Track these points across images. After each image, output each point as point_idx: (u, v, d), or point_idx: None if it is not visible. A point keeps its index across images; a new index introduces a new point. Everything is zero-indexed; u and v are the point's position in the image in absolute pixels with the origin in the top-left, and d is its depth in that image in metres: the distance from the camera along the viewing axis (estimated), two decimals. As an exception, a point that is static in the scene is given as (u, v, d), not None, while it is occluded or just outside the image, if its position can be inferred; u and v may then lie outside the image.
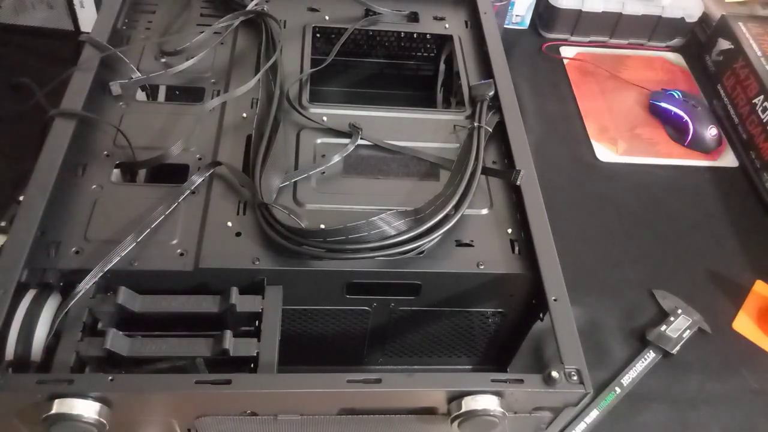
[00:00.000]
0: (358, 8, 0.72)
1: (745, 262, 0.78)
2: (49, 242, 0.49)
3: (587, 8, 0.97)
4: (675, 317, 0.70)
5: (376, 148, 0.59)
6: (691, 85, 0.99)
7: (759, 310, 0.73)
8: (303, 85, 0.63)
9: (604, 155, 0.87)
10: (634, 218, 0.81)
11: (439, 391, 0.44)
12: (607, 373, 0.66)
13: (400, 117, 0.62)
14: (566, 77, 0.97)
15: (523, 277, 0.52)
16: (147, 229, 0.50)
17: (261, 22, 0.68)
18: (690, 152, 0.89)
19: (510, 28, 1.01)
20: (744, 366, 0.69)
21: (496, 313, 0.56)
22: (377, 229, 0.50)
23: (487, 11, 0.73)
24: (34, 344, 0.44)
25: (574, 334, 0.47)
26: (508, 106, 0.63)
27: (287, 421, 0.45)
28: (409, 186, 0.57)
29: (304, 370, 0.45)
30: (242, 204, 0.53)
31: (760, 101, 0.86)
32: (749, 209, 0.84)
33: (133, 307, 0.47)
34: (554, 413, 0.47)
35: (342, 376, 0.43)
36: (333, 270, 0.50)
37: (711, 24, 1.01)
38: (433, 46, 0.75)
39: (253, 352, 0.46)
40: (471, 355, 0.62)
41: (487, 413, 0.43)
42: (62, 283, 0.48)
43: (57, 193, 0.51)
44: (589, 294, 0.72)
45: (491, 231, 0.54)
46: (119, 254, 0.48)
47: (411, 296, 0.54)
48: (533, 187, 0.55)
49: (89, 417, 0.40)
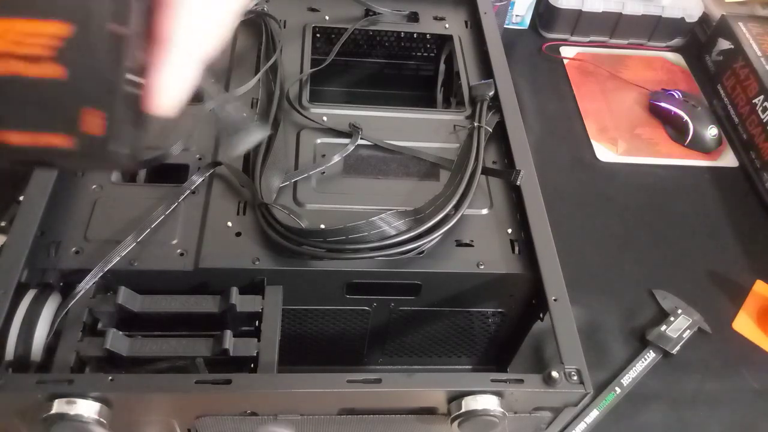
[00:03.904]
0: (358, 8, 0.72)
1: (745, 262, 0.78)
2: (49, 242, 0.49)
3: (587, 8, 0.97)
4: (675, 317, 0.70)
5: (376, 148, 0.59)
6: (691, 85, 0.99)
7: (759, 310, 0.73)
8: (303, 85, 0.63)
9: (604, 155, 0.87)
10: (634, 218, 0.81)
11: (439, 391, 0.44)
12: (607, 373, 0.66)
13: (400, 117, 0.63)
14: (566, 77, 0.97)
15: (523, 277, 0.52)
16: (147, 229, 0.50)
17: (261, 22, 0.68)
18: (690, 152, 0.89)
19: (510, 28, 1.01)
20: (744, 366, 0.69)
21: (496, 313, 0.56)
22: (377, 229, 0.50)
23: (487, 11, 0.73)
24: (34, 344, 0.44)
25: (574, 334, 0.47)
26: (508, 106, 0.63)
27: (287, 421, 0.45)
28: (409, 186, 0.57)
29: (304, 370, 0.45)
30: (242, 204, 0.53)
31: (760, 101, 0.86)
32: (749, 209, 0.84)
33: (133, 307, 0.47)
34: (554, 413, 0.47)
35: (342, 376, 0.43)
36: (333, 270, 0.50)
37: (711, 24, 1.01)
38: (433, 46, 0.75)
39: (253, 352, 0.46)
40: (471, 355, 0.62)
41: (487, 413, 0.43)
42: (62, 283, 0.48)
43: (57, 193, 0.51)
44: (589, 294, 0.72)
45: (491, 231, 0.54)
46: (119, 254, 0.48)
47: (411, 296, 0.54)
48: (533, 187, 0.55)
49: (89, 417, 0.40)
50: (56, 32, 0.20)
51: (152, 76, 0.21)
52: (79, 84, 0.20)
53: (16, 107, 0.20)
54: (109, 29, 0.20)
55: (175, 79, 0.22)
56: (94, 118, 0.21)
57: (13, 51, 0.20)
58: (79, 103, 0.20)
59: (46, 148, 0.21)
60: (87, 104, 0.20)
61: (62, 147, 0.21)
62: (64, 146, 0.21)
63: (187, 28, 0.21)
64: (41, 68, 0.20)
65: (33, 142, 0.21)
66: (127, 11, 0.20)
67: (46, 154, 0.21)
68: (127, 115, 0.21)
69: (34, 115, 0.20)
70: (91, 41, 0.20)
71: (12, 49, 0.20)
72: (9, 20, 0.20)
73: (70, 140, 0.21)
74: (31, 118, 0.20)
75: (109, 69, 0.20)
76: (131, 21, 0.20)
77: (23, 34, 0.20)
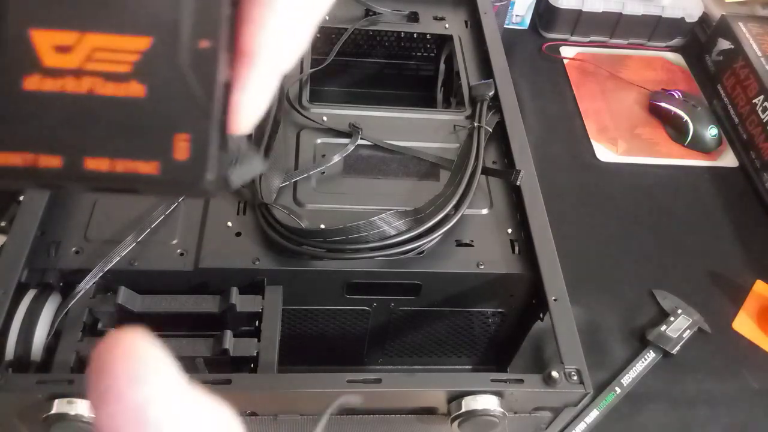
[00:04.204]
0: (358, 8, 0.72)
1: (745, 262, 0.78)
2: (49, 242, 0.49)
3: (587, 8, 0.97)
4: (675, 317, 0.70)
5: (376, 148, 0.59)
6: (691, 85, 0.99)
7: (759, 310, 0.73)
8: (303, 85, 0.63)
9: (604, 155, 0.87)
10: (634, 218, 0.81)
11: (439, 391, 0.44)
12: (607, 373, 0.66)
13: (400, 117, 0.63)
14: (566, 77, 0.97)
15: (523, 277, 0.52)
16: (147, 229, 0.50)
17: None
18: (690, 152, 0.89)
19: (510, 28, 1.01)
20: (744, 366, 0.69)
21: (496, 313, 0.56)
22: (377, 229, 0.50)
23: (487, 11, 0.73)
24: (34, 344, 0.44)
25: (574, 334, 0.47)
26: (508, 106, 0.63)
27: (287, 421, 0.45)
28: (409, 186, 0.57)
29: (304, 370, 0.45)
30: (242, 204, 0.53)
31: (760, 101, 0.86)
32: (749, 209, 0.84)
33: (133, 307, 0.47)
34: (554, 413, 0.47)
35: (342, 376, 0.43)
36: (333, 270, 0.50)
37: (711, 24, 1.01)
38: (433, 46, 0.75)
39: (253, 352, 0.46)
40: (471, 355, 0.62)
41: (487, 413, 0.43)
42: (62, 283, 0.48)
43: (57, 193, 0.51)
44: (589, 294, 0.72)
45: (491, 231, 0.54)
46: (119, 254, 0.48)
47: (411, 296, 0.54)
48: (533, 187, 0.55)
49: (89, 417, 0.40)
50: (135, 47, 0.18)
51: (235, 92, 0.19)
52: (161, 103, 0.18)
53: (93, 130, 0.18)
54: (196, 43, 0.18)
55: (258, 96, 0.20)
56: (179, 141, 0.19)
57: (89, 68, 0.18)
58: (163, 124, 0.19)
59: (128, 175, 0.19)
60: (172, 126, 0.19)
61: (146, 173, 0.19)
62: (149, 173, 0.19)
63: (274, 40, 0.19)
64: (119, 87, 0.18)
65: (113, 168, 0.19)
66: (215, 23, 0.18)
67: (128, 182, 0.19)
68: (213, 136, 0.19)
69: (113, 138, 0.18)
70: (175, 56, 0.18)
71: (87, 66, 0.18)
72: (86, 34, 0.18)
73: (155, 166, 0.19)
74: (109, 142, 0.18)
75: (195, 86, 0.19)
76: (220, 33, 0.19)
77: (100, 50, 0.18)
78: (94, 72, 0.18)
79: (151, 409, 0.16)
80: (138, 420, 0.16)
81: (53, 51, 0.18)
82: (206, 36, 0.19)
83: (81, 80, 0.18)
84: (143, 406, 0.16)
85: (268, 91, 0.20)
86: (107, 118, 0.18)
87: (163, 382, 0.17)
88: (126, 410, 0.16)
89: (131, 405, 0.16)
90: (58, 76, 0.18)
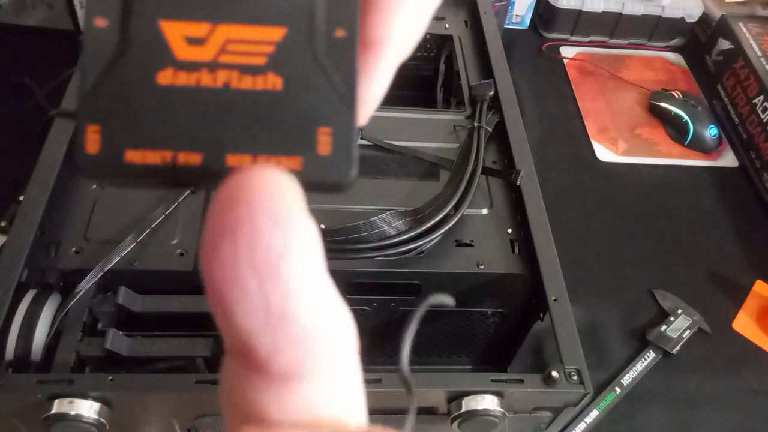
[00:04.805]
0: (358, 8, 0.72)
1: (745, 262, 0.78)
2: (49, 242, 0.49)
3: (587, 8, 0.97)
4: (675, 317, 0.70)
5: (376, 147, 0.59)
6: (691, 85, 0.99)
7: (759, 310, 0.73)
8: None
9: (604, 155, 0.87)
10: (634, 218, 0.81)
11: (439, 391, 0.44)
12: (607, 373, 0.66)
13: (400, 117, 0.62)
14: (566, 77, 0.97)
15: (523, 277, 0.52)
16: (147, 229, 0.50)
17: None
18: (690, 152, 0.89)
19: (510, 28, 1.01)
20: (744, 366, 0.69)
21: (496, 313, 0.56)
22: (377, 229, 0.50)
23: (487, 11, 0.73)
24: (34, 344, 0.44)
25: (574, 334, 0.47)
26: (508, 106, 0.63)
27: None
28: (409, 186, 0.57)
29: (304, 370, 0.45)
30: (242, 204, 0.53)
31: (760, 101, 0.86)
32: (749, 209, 0.84)
33: (133, 307, 0.47)
34: (554, 413, 0.47)
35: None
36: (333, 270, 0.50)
37: (711, 24, 1.01)
38: (433, 46, 0.75)
39: (253, 352, 0.46)
40: (471, 355, 0.62)
41: (487, 413, 0.43)
42: (62, 283, 0.48)
43: (57, 193, 0.51)
44: (589, 294, 0.72)
45: (491, 231, 0.54)
46: (119, 254, 0.48)
47: (411, 296, 0.54)
48: (533, 187, 0.55)
49: (89, 417, 0.40)
50: (269, 38, 0.17)
51: (362, 83, 0.18)
52: (300, 96, 0.18)
53: (232, 126, 0.18)
54: (332, 32, 0.18)
55: (382, 86, 0.19)
56: (322, 135, 0.18)
57: (223, 60, 0.17)
58: (304, 117, 0.18)
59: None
60: (313, 119, 0.18)
61: (289, 170, 0.18)
62: (292, 168, 0.18)
63: (403, 29, 0.18)
64: (255, 80, 0.17)
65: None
66: (352, 11, 0.18)
67: None
68: (355, 129, 0.18)
69: (254, 134, 0.18)
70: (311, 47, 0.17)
71: (222, 59, 0.17)
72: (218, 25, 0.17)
73: (298, 161, 0.18)
74: (250, 137, 0.18)
75: (335, 77, 0.18)
76: (356, 22, 0.18)
77: (233, 41, 0.17)
78: (229, 65, 0.17)
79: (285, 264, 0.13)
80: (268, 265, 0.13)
81: (185, 43, 0.17)
82: (342, 25, 0.18)
83: (216, 74, 0.17)
84: (279, 256, 0.13)
85: (389, 81, 0.20)
86: (245, 112, 0.18)
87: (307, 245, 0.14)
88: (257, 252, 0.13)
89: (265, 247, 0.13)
90: (192, 69, 0.17)
